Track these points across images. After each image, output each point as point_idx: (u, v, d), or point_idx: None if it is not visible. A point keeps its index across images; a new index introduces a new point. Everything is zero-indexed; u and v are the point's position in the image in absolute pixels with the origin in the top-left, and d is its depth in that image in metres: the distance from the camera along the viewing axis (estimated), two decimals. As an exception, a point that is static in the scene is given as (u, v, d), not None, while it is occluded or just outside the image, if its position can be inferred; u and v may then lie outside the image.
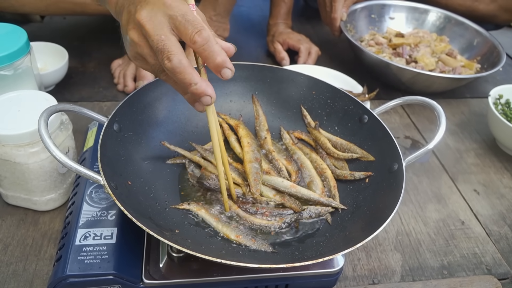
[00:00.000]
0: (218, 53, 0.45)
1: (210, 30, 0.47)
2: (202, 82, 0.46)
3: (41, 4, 0.89)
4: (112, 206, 0.58)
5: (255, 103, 0.73)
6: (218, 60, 0.45)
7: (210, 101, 0.47)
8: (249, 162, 0.63)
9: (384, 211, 0.53)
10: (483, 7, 1.24)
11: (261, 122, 0.72)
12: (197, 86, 0.46)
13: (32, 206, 0.65)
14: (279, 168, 0.65)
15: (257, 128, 0.72)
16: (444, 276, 0.64)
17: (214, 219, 0.56)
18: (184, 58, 0.45)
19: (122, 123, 0.60)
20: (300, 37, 1.10)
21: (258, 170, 0.62)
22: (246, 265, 0.45)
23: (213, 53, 0.45)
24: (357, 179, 0.64)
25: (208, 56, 0.45)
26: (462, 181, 0.82)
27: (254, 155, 0.64)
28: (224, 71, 0.46)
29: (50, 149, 0.49)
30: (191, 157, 0.64)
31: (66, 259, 0.51)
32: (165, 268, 0.53)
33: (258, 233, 0.56)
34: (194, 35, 0.44)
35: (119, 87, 0.94)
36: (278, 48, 1.08)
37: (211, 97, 0.47)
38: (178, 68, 0.45)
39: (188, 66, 0.45)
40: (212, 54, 0.45)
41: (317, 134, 0.70)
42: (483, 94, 1.07)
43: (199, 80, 0.46)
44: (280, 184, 0.62)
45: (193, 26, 0.44)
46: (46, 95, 0.64)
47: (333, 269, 0.56)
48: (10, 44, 0.67)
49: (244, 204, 0.59)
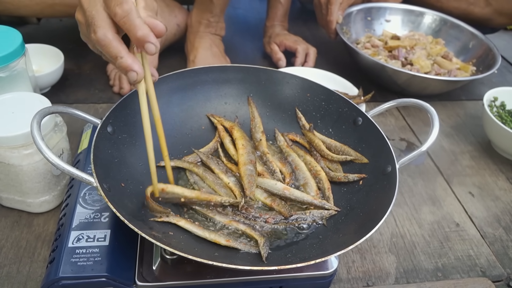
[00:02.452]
0: (139, 27, 0.45)
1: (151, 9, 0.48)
2: (128, 57, 0.46)
3: (37, 7, 0.89)
4: (106, 208, 0.58)
5: (251, 105, 0.73)
6: (139, 34, 0.45)
7: (135, 77, 0.47)
8: (244, 164, 0.63)
9: (377, 213, 0.53)
10: (478, 11, 1.24)
11: (256, 124, 0.72)
12: (122, 60, 0.46)
13: (26, 208, 0.65)
14: (273, 170, 0.66)
15: (253, 130, 0.72)
16: (439, 278, 0.64)
17: (198, 228, 0.54)
18: (110, 32, 0.46)
19: (116, 125, 0.60)
20: (297, 39, 1.10)
21: (252, 173, 0.62)
22: (238, 267, 0.45)
23: (134, 27, 0.45)
24: (351, 181, 0.64)
25: (129, 29, 0.45)
26: (457, 183, 0.82)
27: (248, 157, 0.64)
28: (147, 46, 0.46)
29: (42, 151, 0.49)
30: (191, 168, 0.64)
31: (59, 261, 0.50)
32: (159, 270, 0.53)
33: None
34: (115, 7, 0.45)
35: (114, 89, 0.94)
36: (275, 49, 1.08)
37: (137, 73, 0.47)
38: (103, 41, 0.46)
39: (113, 39, 0.46)
40: (132, 27, 0.45)
41: (312, 136, 0.70)
42: (479, 97, 1.07)
43: (125, 54, 0.46)
44: (273, 186, 0.62)
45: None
46: (40, 97, 0.63)
47: (327, 271, 0.56)
48: (5, 46, 0.67)
49: (238, 216, 0.58)
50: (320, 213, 0.60)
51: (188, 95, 0.71)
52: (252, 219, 0.58)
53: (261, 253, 0.50)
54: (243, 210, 0.59)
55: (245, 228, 0.55)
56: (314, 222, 0.59)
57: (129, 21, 0.45)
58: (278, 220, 0.58)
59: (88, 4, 0.47)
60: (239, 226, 0.55)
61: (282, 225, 0.58)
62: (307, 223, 0.59)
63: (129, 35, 0.47)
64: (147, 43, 0.46)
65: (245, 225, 0.55)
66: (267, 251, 0.50)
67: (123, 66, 0.47)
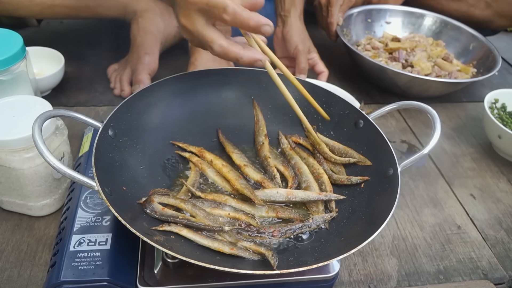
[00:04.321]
0: (248, 19, 0.50)
1: None
2: (246, 53, 0.52)
3: (36, 8, 0.89)
4: (107, 211, 0.57)
5: (256, 108, 0.73)
6: (252, 24, 0.50)
7: (261, 64, 0.54)
8: (235, 180, 0.61)
9: (379, 216, 0.53)
10: (478, 13, 1.24)
11: (260, 127, 0.72)
12: (244, 59, 0.52)
13: (27, 211, 0.65)
14: (273, 175, 0.65)
15: (256, 133, 0.71)
16: (440, 281, 0.64)
17: (201, 236, 0.53)
18: (223, 41, 0.52)
19: (117, 128, 0.60)
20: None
21: (246, 185, 0.61)
22: (240, 271, 0.45)
23: (245, 21, 0.50)
24: (353, 183, 0.63)
25: (242, 25, 0.51)
26: (458, 185, 0.82)
27: (235, 174, 0.63)
28: (263, 29, 0.51)
29: (44, 155, 0.49)
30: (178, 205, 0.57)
31: (60, 265, 0.50)
32: (160, 274, 0.53)
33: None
34: (222, 15, 0.50)
35: (115, 91, 0.94)
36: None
37: (261, 60, 0.53)
38: (222, 52, 0.52)
39: (228, 46, 0.52)
40: (244, 22, 0.50)
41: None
42: (479, 98, 1.07)
43: (243, 53, 0.52)
44: (275, 196, 0.61)
45: (218, 9, 0.49)
46: (41, 100, 0.63)
47: (329, 274, 0.55)
48: (6, 49, 0.67)
49: (242, 235, 0.56)
50: (322, 217, 0.59)
51: (189, 98, 0.70)
52: (257, 235, 0.56)
53: (271, 263, 0.49)
54: (246, 228, 0.56)
55: (250, 245, 0.53)
56: (318, 228, 0.58)
57: (239, 20, 0.50)
58: (284, 232, 0.57)
59: (192, 25, 0.52)
60: (244, 244, 0.53)
61: (289, 236, 0.57)
62: (312, 229, 0.58)
63: (244, 29, 0.53)
64: (262, 26, 0.51)
65: (250, 243, 0.54)
66: (276, 260, 0.49)
67: (247, 63, 0.53)
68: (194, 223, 0.53)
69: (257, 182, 0.63)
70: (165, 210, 0.55)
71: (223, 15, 0.49)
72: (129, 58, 0.95)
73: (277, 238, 0.56)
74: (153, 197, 0.56)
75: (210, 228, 0.53)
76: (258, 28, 0.51)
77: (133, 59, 0.94)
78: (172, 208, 0.56)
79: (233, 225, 0.55)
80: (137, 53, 0.93)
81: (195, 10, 0.51)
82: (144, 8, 0.95)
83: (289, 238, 0.57)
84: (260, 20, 0.50)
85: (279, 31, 1.02)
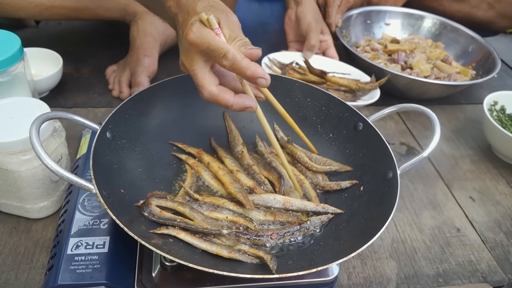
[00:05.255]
0: (246, 68, 0.50)
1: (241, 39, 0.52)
2: (236, 100, 0.53)
3: (35, 9, 0.89)
4: (105, 214, 0.57)
5: (227, 119, 0.73)
6: (248, 74, 0.51)
7: (252, 110, 0.55)
8: (230, 184, 0.61)
9: (378, 220, 0.52)
10: (481, 14, 1.24)
11: (234, 137, 0.71)
12: (234, 107, 0.53)
13: (24, 214, 0.65)
14: (262, 181, 0.64)
15: (232, 144, 0.70)
16: (440, 284, 0.64)
17: (199, 240, 0.53)
18: (213, 88, 0.52)
19: (115, 130, 0.59)
20: None
21: (241, 189, 0.60)
22: (239, 275, 0.45)
23: (242, 69, 0.50)
24: (343, 188, 0.64)
25: (240, 72, 0.51)
26: (457, 188, 0.82)
27: (230, 177, 0.62)
28: (258, 81, 0.51)
29: (41, 158, 0.48)
30: (175, 208, 0.57)
31: (58, 269, 0.50)
32: (158, 277, 0.52)
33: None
34: (222, 60, 0.50)
35: (114, 93, 0.93)
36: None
37: (252, 106, 0.54)
38: (211, 98, 0.53)
39: (218, 94, 0.52)
40: (241, 70, 0.51)
41: (292, 148, 0.69)
42: (479, 101, 1.07)
43: (233, 101, 0.53)
44: (272, 202, 0.60)
45: (218, 53, 0.50)
46: (39, 102, 0.63)
47: (328, 277, 0.55)
48: (3, 50, 0.67)
49: (241, 238, 0.56)
50: (319, 218, 0.59)
51: (188, 100, 0.70)
52: (256, 239, 0.56)
53: (270, 267, 0.49)
54: (244, 231, 0.56)
55: (248, 249, 0.53)
56: (315, 229, 0.58)
57: (237, 66, 0.50)
58: (283, 234, 0.57)
59: (190, 64, 0.53)
60: (242, 247, 0.53)
61: (287, 239, 0.57)
62: (310, 231, 0.58)
63: (240, 76, 0.53)
64: (257, 78, 0.51)
65: (248, 246, 0.53)
66: (275, 264, 0.49)
67: (238, 109, 0.53)
68: (192, 226, 0.53)
69: (249, 188, 0.62)
70: (163, 213, 0.55)
71: (222, 60, 0.50)
72: (128, 60, 0.95)
73: (276, 241, 0.56)
74: (151, 199, 0.56)
75: (208, 231, 0.53)
76: (254, 79, 0.51)
77: (132, 60, 0.93)
78: (170, 211, 0.56)
79: (231, 228, 0.55)
80: (136, 55, 0.93)
81: (196, 51, 0.52)
82: (144, 10, 0.95)
83: (288, 241, 0.57)
84: (257, 71, 0.51)
85: (292, 13, 1.02)
